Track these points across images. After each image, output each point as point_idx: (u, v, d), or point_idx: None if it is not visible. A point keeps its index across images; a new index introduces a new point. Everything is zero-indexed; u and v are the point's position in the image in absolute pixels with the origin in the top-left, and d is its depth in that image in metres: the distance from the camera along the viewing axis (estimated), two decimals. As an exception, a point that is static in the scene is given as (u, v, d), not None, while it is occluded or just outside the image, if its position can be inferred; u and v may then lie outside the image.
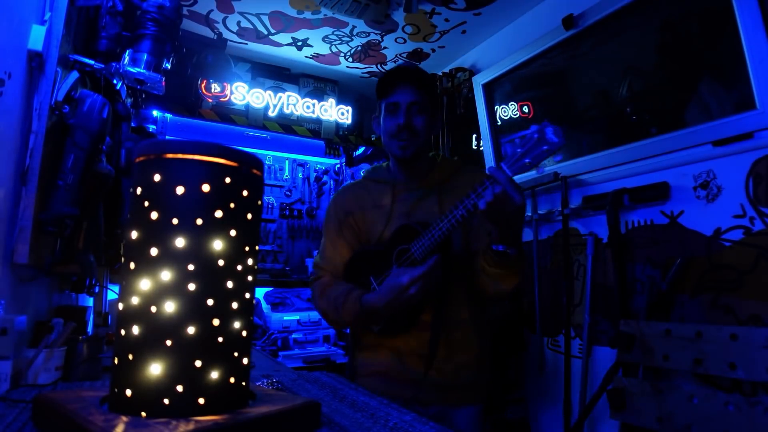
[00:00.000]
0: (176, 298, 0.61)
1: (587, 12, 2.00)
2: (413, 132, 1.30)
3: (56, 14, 1.29)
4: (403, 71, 1.34)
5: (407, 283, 1.13)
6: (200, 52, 2.71)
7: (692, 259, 1.63)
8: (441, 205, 1.31)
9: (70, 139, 1.28)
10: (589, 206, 2.00)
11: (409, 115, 1.30)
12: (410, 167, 1.37)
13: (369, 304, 1.22)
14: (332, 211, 1.44)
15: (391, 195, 1.37)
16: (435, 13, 2.38)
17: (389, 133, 1.33)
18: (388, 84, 1.34)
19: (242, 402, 0.68)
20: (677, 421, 1.50)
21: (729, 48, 1.56)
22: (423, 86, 1.33)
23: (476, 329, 1.32)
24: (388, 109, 1.33)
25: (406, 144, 1.30)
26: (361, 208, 1.39)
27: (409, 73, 1.33)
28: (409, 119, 1.30)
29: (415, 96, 1.31)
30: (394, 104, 1.32)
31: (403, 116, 1.29)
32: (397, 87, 1.32)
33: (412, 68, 1.36)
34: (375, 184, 1.42)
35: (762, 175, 1.47)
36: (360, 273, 1.34)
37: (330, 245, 1.42)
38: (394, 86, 1.33)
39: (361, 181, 1.47)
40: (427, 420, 0.77)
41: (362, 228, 1.38)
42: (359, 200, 1.40)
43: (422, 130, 1.32)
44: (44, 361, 1.03)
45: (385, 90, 1.35)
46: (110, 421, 0.57)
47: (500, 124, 2.64)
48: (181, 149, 0.64)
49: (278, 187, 3.39)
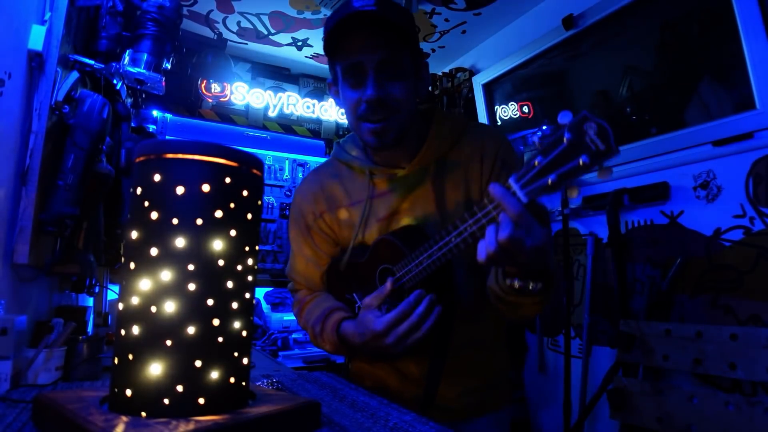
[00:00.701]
0: (176, 298, 0.61)
1: (587, 12, 2.00)
2: (389, 107, 0.89)
3: (56, 14, 1.29)
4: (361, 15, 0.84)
5: (381, 330, 0.85)
6: (200, 52, 2.71)
7: (692, 259, 1.63)
8: (439, 197, 0.97)
9: (70, 139, 1.28)
10: (589, 206, 2.00)
11: (381, 82, 0.88)
12: (390, 155, 0.98)
13: (347, 338, 0.95)
14: (296, 213, 1.10)
15: (367, 188, 1.00)
16: (435, 13, 2.38)
17: (354, 111, 0.92)
18: (341, 36, 0.88)
19: (242, 402, 0.67)
20: (677, 421, 1.50)
21: (729, 48, 1.56)
22: (395, 30, 0.86)
23: (489, 346, 1.04)
24: (347, 74, 0.90)
25: (382, 127, 0.90)
26: (330, 206, 1.05)
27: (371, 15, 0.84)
28: (381, 89, 0.88)
29: (387, 51, 0.87)
30: (354, 66, 0.88)
31: (372, 86, 0.87)
32: (356, 40, 0.87)
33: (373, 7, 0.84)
34: (347, 169, 1.05)
35: (762, 175, 1.47)
36: (341, 285, 1.06)
37: (300, 256, 1.11)
38: (351, 39, 0.87)
39: (331, 163, 1.10)
40: (427, 420, 0.77)
41: (336, 231, 1.06)
42: (328, 196, 1.06)
43: (404, 100, 0.90)
44: (44, 361, 1.03)
45: (338, 46, 0.90)
46: (110, 421, 0.57)
47: (500, 124, 2.64)
48: (181, 149, 0.64)
49: (278, 187, 3.39)
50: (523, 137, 2.54)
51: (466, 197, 0.98)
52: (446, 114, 1.03)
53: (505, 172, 0.91)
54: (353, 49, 0.88)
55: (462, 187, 0.98)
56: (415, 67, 0.95)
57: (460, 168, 0.98)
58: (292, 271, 1.15)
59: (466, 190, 0.98)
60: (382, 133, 0.90)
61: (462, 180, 0.98)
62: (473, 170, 0.98)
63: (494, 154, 0.97)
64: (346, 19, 0.85)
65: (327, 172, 1.09)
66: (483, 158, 0.98)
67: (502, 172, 0.96)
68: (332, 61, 0.95)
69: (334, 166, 1.08)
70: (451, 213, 0.97)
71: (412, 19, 0.94)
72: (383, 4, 0.85)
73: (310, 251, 1.09)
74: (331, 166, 1.09)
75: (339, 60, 0.91)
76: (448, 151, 0.98)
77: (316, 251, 1.09)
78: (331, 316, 1.00)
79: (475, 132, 1.01)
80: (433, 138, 0.97)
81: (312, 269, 1.10)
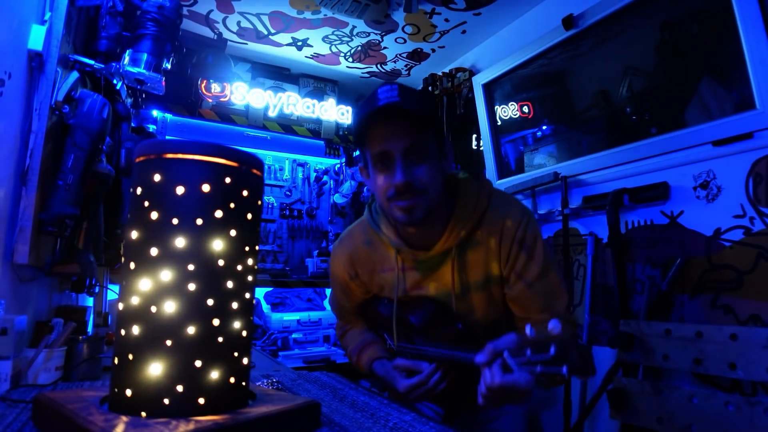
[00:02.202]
0: (176, 298, 0.61)
1: (587, 12, 2.00)
2: (416, 189, 0.95)
3: (56, 14, 1.29)
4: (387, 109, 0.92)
5: (402, 392, 1.03)
6: (200, 52, 2.71)
7: (692, 259, 1.63)
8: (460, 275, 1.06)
9: (70, 139, 1.28)
10: (589, 206, 2.00)
11: (408, 167, 0.94)
12: (419, 232, 1.04)
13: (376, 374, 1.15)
14: (334, 269, 1.23)
15: (395, 263, 1.11)
16: (435, 13, 2.38)
17: (384, 194, 0.98)
18: (370, 128, 0.97)
19: (242, 402, 0.68)
20: (677, 421, 1.50)
21: (729, 48, 1.56)
22: (419, 118, 0.94)
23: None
24: (377, 161, 0.97)
25: (411, 205, 0.95)
26: (363, 270, 1.18)
27: (396, 107, 0.92)
28: (409, 174, 0.94)
29: (412, 137, 0.94)
30: (383, 155, 0.95)
31: (401, 172, 0.93)
32: (383, 130, 0.95)
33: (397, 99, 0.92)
34: (379, 242, 1.14)
35: (762, 175, 1.47)
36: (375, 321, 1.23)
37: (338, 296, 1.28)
38: (379, 130, 0.95)
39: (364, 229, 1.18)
40: (427, 420, 0.77)
41: (368, 285, 1.20)
42: (362, 261, 1.17)
43: (430, 182, 0.96)
44: (44, 361, 1.03)
45: (367, 136, 0.98)
46: (110, 421, 0.57)
47: (500, 124, 2.64)
48: (181, 149, 0.64)
49: (278, 187, 3.39)
50: (523, 137, 2.54)
51: (485, 274, 1.06)
52: (470, 189, 1.07)
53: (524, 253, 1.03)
54: (381, 139, 0.95)
55: (482, 265, 1.06)
56: (438, 148, 1.00)
57: (480, 246, 1.05)
58: (333, 305, 1.34)
59: (486, 267, 1.06)
60: (411, 211, 0.96)
61: (483, 258, 1.05)
62: (492, 249, 1.05)
63: (512, 236, 1.04)
64: (374, 113, 0.93)
65: (361, 238, 1.18)
66: (502, 239, 1.04)
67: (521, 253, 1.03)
68: (362, 149, 1.03)
69: (367, 232, 1.17)
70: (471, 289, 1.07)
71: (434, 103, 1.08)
72: (406, 94, 0.94)
73: (344, 297, 1.26)
74: (364, 232, 1.18)
75: (368, 149, 0.99)
76: (471, 232, 1.04)
77: (350, 297, 1.25)
78: (366, 350, 1.20)
79: (496, 211, 1.06)
80: (456, 223, 1.03)
81: (347, 307, 1.28)
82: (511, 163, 2.61)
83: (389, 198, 0.97)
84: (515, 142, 2.59)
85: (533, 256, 1.03)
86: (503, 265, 1.05)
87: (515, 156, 2.60)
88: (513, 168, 2.59)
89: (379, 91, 0.95)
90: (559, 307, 1.06)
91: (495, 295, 1.08)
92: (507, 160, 2.63)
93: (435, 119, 1.01)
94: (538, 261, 1.03)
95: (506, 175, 2.57)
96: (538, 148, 2.45)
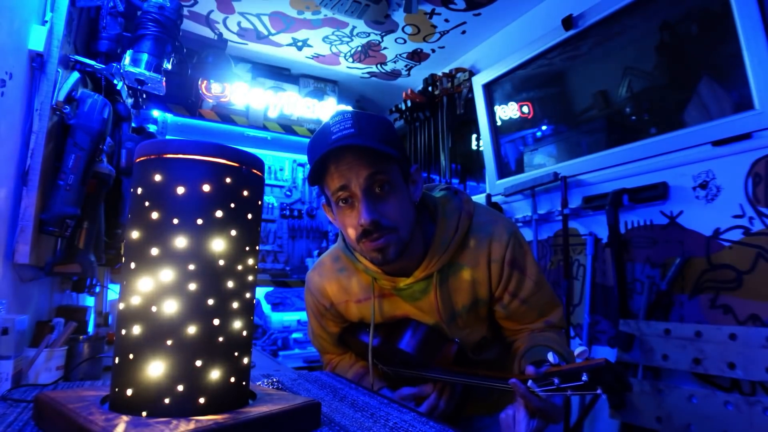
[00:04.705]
0: (177, 298, 0.61)
1: (587, 12, 2.00)
2: (385, 227, 0.87)
3: (57, 15, 1.29)
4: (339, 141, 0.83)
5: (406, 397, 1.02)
6: (201, 53, 2.71)
7: (691, 259, 1.63)
8: (445, 303, 0.99)
9: (71, 140, 1.29)
10: (588, 206, 2.00)
11: (373, 204, 0.86)
12: (397, 263, 0.95)
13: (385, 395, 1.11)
14: (308, 300, 1.17)
15: (372, 293, 1.03)
16: (435, 14, 2.38)
17: (351, 235, 0.90)
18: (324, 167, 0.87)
19: (242, 402, 0.68)
20: (677, 420, 1.50)
21: (728, 48, 1.56)
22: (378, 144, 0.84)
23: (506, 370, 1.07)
24: (339, 201, 0.89)
25: (382, 245, 0.88)
26: (338, 300, 1.10)
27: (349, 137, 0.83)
28: (374, 212, 0.86)
29: (373, 170, 0.85)
30: (343, 192, 0.87)
31: (366, 211, 0.85)
32: (340, 166, 0.85)
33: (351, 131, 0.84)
34: (354, 269, 1.06)
35: (761, 175, 1.47)
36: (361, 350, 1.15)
37: (315, 328, 1.22)
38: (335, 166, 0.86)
39: (337, 257, 1.10)
40: (427, 420, 0.77)
41: (344, 316, 1.13)
42: (335, 292, 1.10)
43: (399, 217, 0.88)
44: (45, 361, 1.04)
45: (323, 174, 0.88)
46: (111, 420, 0.57)
47: (500, 124, 2.64)
48: (182, 149, 0.64)
49: (278, 187, 3.39)
50: (523, 137, 2.54)
51: (473, 298, 1.01)
52: (449, 210, 1.00)
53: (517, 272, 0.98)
54: (340, 176, 0.86)
55: (470, 289, 1.00)
56: (404, 175, 0.92)
57: (465, 270, 0.98)
58: (313, 341, 1.28)
59: (474, 291, 1.01)
60: (384, 251, 0.89)
61: (469, 281, 0.99)
62: (481, 273, 0.99)
63: (501, 258, 0.99)
64: (327, 154, 0.84)
65: (334, 267, 1.10)
66: (490, 262, 0.98)
67: (513, 272, 0.99)
68: (321, 187, 0.93)
69: (341, 261, 1.09)
70: (458, 314, 1.01)
71: (392, 130, 0.92)
72: (361, 124, 0.85)
73: (320, 329, 1.20)
74: (337, 260, 1.10)
75: (328, 188, 0.90)
76: (452, 258, 0.97)
77: (326, 329, 1.19)
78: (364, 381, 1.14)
79: (480, 232, 0.99)
80: (436, 249, 0.96)
81: (325, 338, 1.22)
82: (511, 164, 2.61)
83: (358, 239, 0.90)
84: (515, 142, 2.59)
85: (526, 273, 1.00)
86: (494, 287, 1.00)
87: (515, 156, 2.60)
88: (513, 168, 2.59)
89: (331, 123, 0.87)
90: (554, 316, 1.05)
91: (482, 314, 1.04)
92: (507, 160, 2.63)
93: (397, 145, 0.89)
94: (531, 276, 1.01)
95: (506, 175, 2.57)
96: (538, 148, 2.45)
